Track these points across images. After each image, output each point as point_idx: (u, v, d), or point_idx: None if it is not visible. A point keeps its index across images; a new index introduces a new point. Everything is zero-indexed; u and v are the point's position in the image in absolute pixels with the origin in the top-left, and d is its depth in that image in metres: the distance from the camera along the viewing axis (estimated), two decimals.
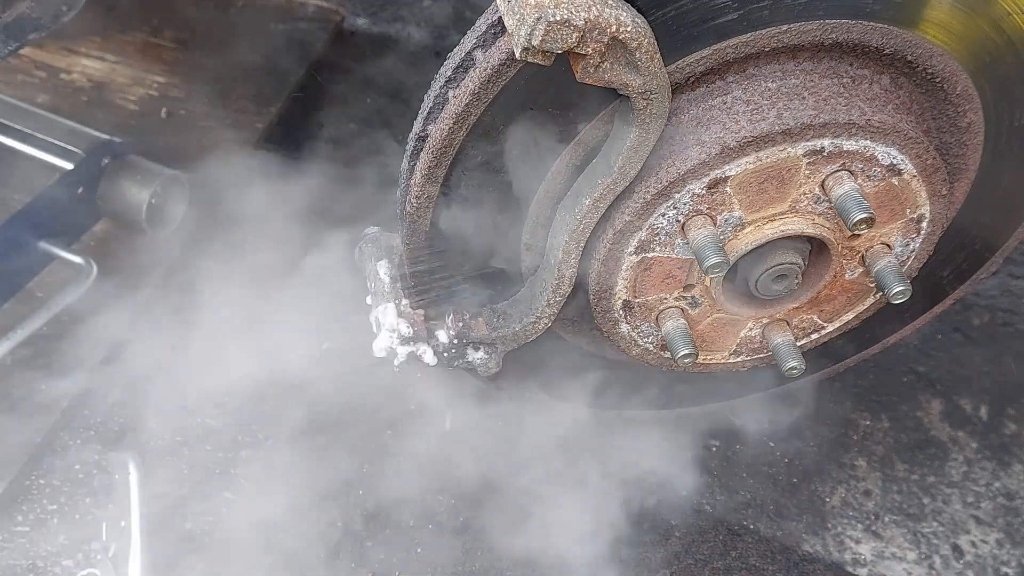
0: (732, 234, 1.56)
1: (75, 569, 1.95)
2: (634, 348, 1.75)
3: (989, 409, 2.34)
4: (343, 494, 2.07)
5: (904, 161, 1.54)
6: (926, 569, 2.09)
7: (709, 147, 1.46)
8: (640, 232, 1.54)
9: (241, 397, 2.20)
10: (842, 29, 1.44)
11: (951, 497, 2.19)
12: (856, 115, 1.47)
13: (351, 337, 2.11)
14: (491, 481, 2.07)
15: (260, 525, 1.98)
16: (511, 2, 1.25)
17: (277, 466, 2.10)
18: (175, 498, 2.06)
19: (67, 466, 2.09)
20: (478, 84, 1.41)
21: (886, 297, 1.64)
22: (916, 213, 1.63)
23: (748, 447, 2.24)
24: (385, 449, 2.14)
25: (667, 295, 1.65)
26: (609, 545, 2.01)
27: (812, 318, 1.78)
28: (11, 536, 1.99)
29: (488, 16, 1.41)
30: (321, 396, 2.15)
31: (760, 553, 2.06)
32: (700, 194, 1.50)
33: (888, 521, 2.15)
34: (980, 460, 2.25)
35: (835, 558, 2.09)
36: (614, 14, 1.25)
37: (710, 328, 1.73)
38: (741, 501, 2.16)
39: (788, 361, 1.72)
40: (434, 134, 1.48)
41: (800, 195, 1.54)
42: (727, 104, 1.48)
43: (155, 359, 2.26)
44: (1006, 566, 2.10)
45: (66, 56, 2.78)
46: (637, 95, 1.34)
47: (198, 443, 2.16)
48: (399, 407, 2.19)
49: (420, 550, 2.01)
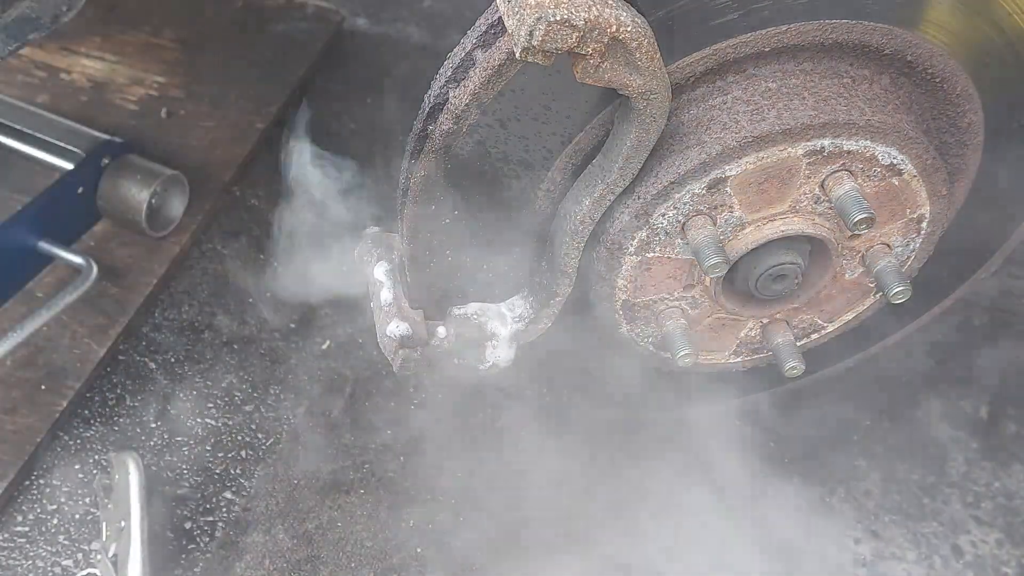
0: (732, 234, 1.56)
1: (75, 569, 1.95)
2: (634, 348, 1.75)
3: (989, 409, 2.34)
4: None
5: (904, 161, 1.54)
6: (926, 569, 2.09)
7: (709, 147, 1.46)
8: (640, 232, 1.54)
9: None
10: (842, 29, 1.44)
11: (951, 497, 2.19)
12: (856, 115, 1.47)
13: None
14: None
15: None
16: (511, 2, 1.25)
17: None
18: (175, 498, 2.06)
19: (67, 466, 2.09)
20: (478, 84, 1.41)
21: (886, 297, 1.64)
22: (916, 213, 1.63)
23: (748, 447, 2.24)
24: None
25: (667, 295, 1.65)
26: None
27: (812, 318, 1.78)
28: (11, 536, 1.99)
29: (488, 16, 1.41)
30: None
31: (760, 553, 2.06)
32: (700, 194, 1.50)
33: (888, 521, 2.15)
34: (980, 460, 2.25)
35: (835, 558, 2.09)
36: (614, 14, 1.25)
37: (710, 328, 1.73)
38: (741, 500, 2.15)
39: (788, 361, 1.72)
40: (434, 134, 1.48)
41: (800, 195, 1.54)
42: (727, 104, 1.48)
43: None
44: (1006, 566, 2.10)
45: (66, 56, 2.78)
46: (637, 95, 1.34)
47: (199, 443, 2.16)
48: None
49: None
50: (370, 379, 2.26)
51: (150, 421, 2.18)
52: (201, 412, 2.21)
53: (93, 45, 2.81)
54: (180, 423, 2.18)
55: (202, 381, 2.26)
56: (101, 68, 2.77)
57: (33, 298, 2.28)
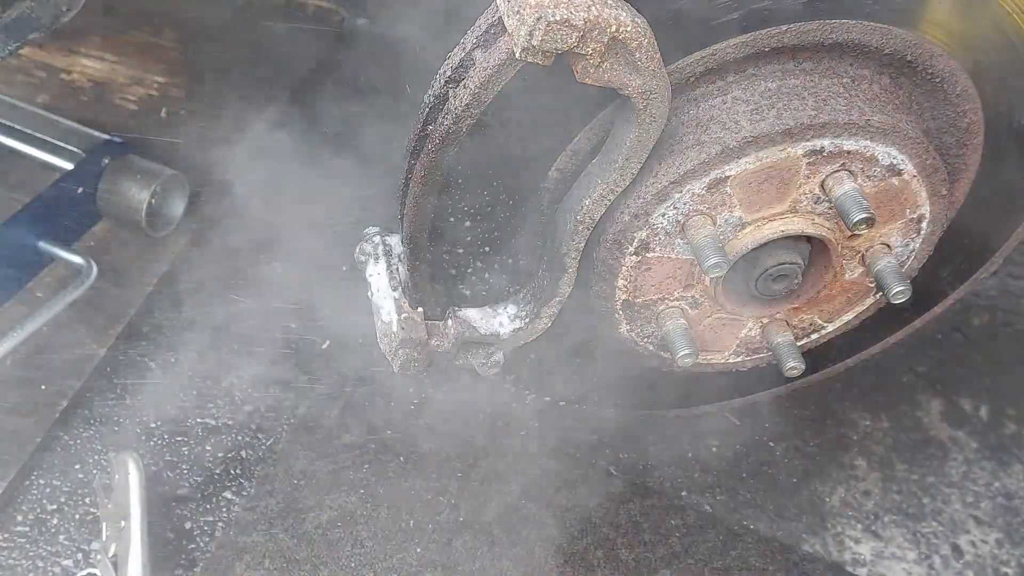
0: (732, 234, 1.56)
1: (75, 569, 1.95)
2: (634, 348, 1.75)
3: (989, 409, 2.34)
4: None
5: (904, 161, 1.54)
6: (926, 569, 2.09)
7: (709, 147, 1.46)
8: (640, 232, 1.54)
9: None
10: (842, 29, 1.44)
11: (951, 497, 2.19)
12: (856, 115, 1.47)
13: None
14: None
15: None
16: (511, 2, 1.25)
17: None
18: (175, 498, 2.06)
19: (67, 466, 2.09)
20: (478, 84, 1.41)
21: (886, 297, 1.64)
22: (916, 213, 1.63)
23: (748, 447, 2.24)
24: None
25: (667, 295, 1.65)
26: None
27: (812, 318, 1.78)
28: (11, 536, 1.99)
29: (488, 16, 1.41)
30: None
31: (760, 553, 2.06)
32: (700, 194, 1.50)
33: (888, 521, 2.15)
34: (980, 460, 2.25)
35: (835, 558, 2.09)
36: (614, 14, 1.25)
37: (710, 328, 1.73)
38: (741, 501, 2.16)
39: (788, 361, 1.72)
40: (434, 134, 1.48)
41: (800, 195, 1.54)
42: (727, 104, 1.48)
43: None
44: (1006, 566, 2.10)
45: (66, 56, 2.78)
46: (637, 95, 1.34)
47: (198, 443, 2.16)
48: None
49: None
50: (370, 379, 2.26)
51: (150, 421, 2.18)
52: (201, 412, 2.21)
53: (93, 45, 2.81)
54: (180, 423, 2.18)
55: (202, 381, 2.26)
56: (101, 68, 2.77)
57: (33, 298, 2.28)
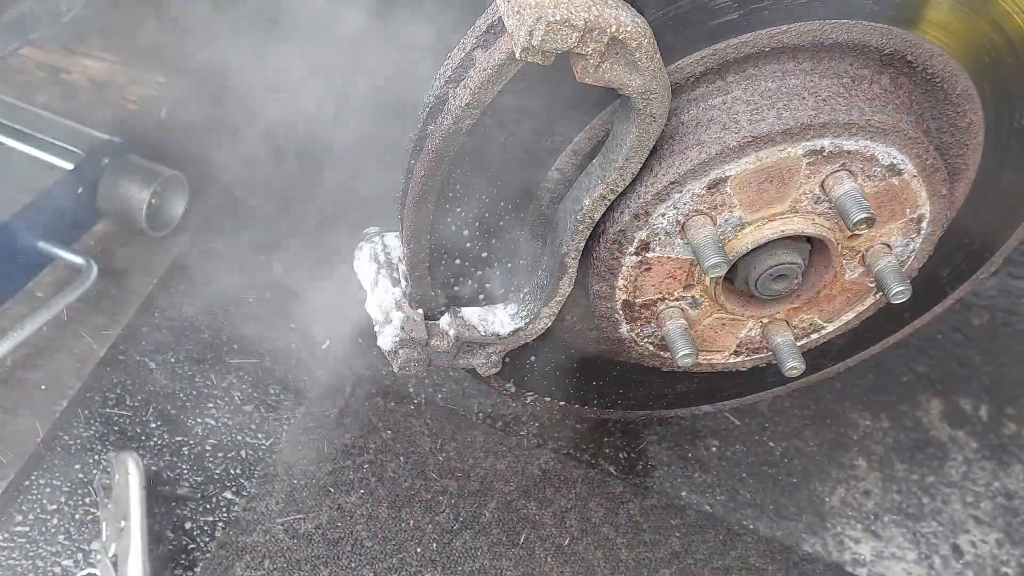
0: (732, 234, 1.56)
1: (75, 569, 1.95)
2: (634, 349, 1.75)
3: (989, 409, 2.34)
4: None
5: (904, 161, 1.54)
6: (926, 569, 2.09)
7: (709, 147, 1.46)
8: (640, 232, 1.54)
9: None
10: (842, 29, 1.44)
11: (950, 497, 2.19)
12: (856, 115, 1.47)
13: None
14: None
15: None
16: (511, 2, 1.25)
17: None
18: (175, 498, 2.06)
19: (67, 466, 2.09)
20: (478, 84, 1.41)
21: (886, 297, 1.64)
22: (916, 213, 1.63)
23: (748, 447, 2.24)
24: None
25: (667, 295, 1.65)
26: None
27: (812, 318, 1.78)
28: (11, 536, 1.99)
29: (488, 16, 1.41)
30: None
31: (760, 553, 2.06)
32: (700, 194, 1.50)
33: (888, 521, 2.15)
34: (980, 460, 2.25)
35: (835, 558, 2.09)
36: (614, 14, 1.25)
37: (710, 328, 1.73)
38: (741, 501, 2.16)
39: (788, 361, 1.72)
40: (434, 134, 1.48)
41: (800, 195, 1.54)
42: (727, 104, 1.48)
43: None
44: (1006, 566, 2.10)
45: (66, 56, 2.78)
46: (637, 95, 1.34)
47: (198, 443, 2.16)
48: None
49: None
50: (370, 379, 2.26)
51: (150, 421, 2.18)
52: (201, 412, 2.21)
53: (93, 45, 2.81)
54: (180, 423, 2.19)
55: (202, 381, 2.26)
56: (101, 68, 2.77)
57: (33, 298, 2.28)
